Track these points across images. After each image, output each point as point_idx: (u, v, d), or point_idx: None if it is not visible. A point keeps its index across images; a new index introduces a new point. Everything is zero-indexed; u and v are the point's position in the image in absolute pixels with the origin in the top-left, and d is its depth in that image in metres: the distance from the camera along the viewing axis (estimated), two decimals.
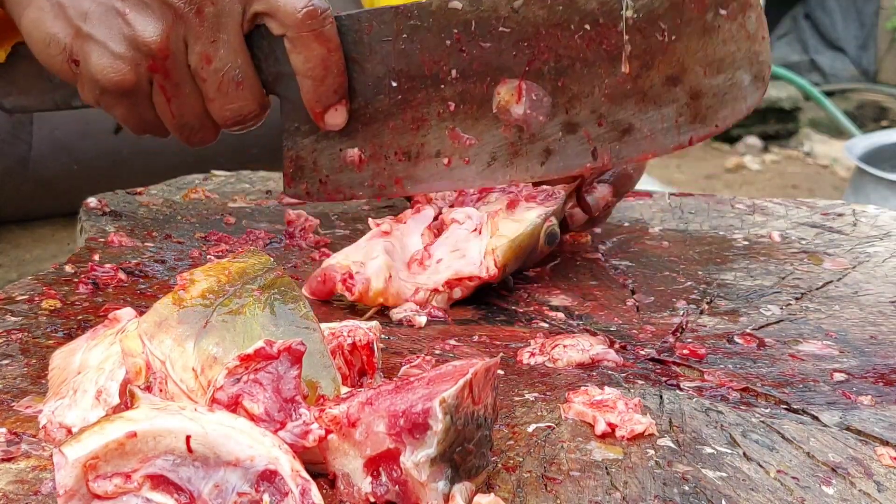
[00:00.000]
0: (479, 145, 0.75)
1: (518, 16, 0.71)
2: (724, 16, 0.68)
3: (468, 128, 0.75)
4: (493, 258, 0.71)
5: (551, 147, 0.74)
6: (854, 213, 0.97)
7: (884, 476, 0.50)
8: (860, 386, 0.61)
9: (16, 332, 0.63)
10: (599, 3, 0.69)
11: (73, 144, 1.22)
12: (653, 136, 0.72)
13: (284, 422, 0.45)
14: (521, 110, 0.73)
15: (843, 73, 4.42)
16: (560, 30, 0.71)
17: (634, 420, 0.54)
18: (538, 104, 0.72)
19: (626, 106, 0.72)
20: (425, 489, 0.44)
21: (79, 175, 1.23)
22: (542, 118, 0.73)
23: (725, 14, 0.68)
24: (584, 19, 0.70)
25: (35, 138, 1.19)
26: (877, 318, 0.72)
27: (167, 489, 0.42)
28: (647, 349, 0.66)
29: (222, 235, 0.85)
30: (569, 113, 0.73)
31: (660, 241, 0.89)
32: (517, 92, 0.73)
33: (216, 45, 0.72)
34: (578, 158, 0.74)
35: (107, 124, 1.23)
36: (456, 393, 0.44)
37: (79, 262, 0.76)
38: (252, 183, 1.03)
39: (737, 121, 0.72)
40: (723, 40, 0.69)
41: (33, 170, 1.21)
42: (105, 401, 0.51)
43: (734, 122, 0.72)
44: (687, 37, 0.69)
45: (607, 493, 0.48)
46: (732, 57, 0.70)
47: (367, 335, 0.55)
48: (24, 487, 0.46)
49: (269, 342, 0.46)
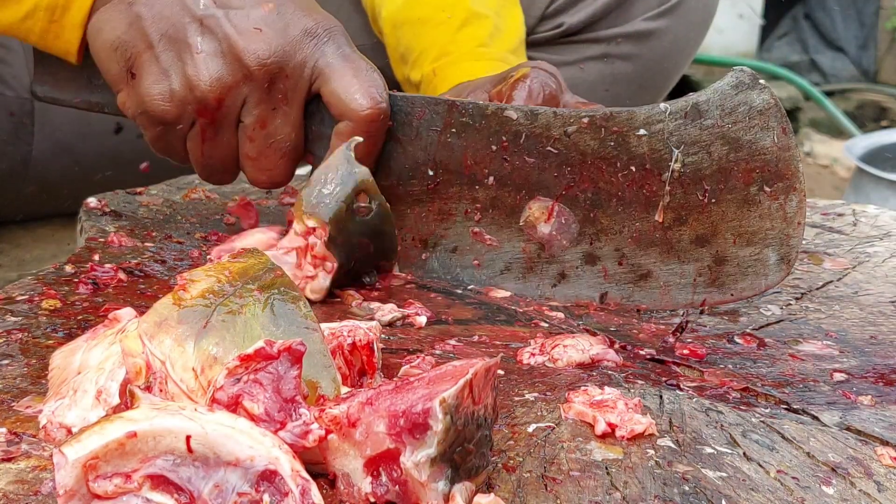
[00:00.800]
0: (497, 251, 0.75)
1: (569, 140, 0.71)
2: (767, 193, 0.68)
3: (492, 232, 0.76)
4: None
5: (567, 273, 0.74)
6: (854, 213, 0.97)
7: (884, 476, 0.50)
8: (860, 386, 0.61)
9: (16, 332, 0.63)
10: (650, 150, 0.69)
11: (74, 145, 1.22)
12: (667, 288, 0.72)
13: (284, 422, 0.45)
14: (547, 230, 0.73)
15: (843, 73, 4.42)
16: (606, 163, 0.71)
17: (634, 420, 0.54)
18: (565, 229, 0.72)
19: (650, 253, 0.72)
20: (425, 489, 0.44)
21: (79, 175, 1.23)
22: (565, 242, 0.73)
23: (769, 192, 0.68)
24: (632, 160, 0.70)
25: (36, 139, 1.19)
26: (877, 318, 0.72)
27: (167, 489, 0.42)
28: (647, 349, 0.66)
29: (222, 235, 0.85)
30: (592, 245, 0.73)
31: None
32: (548, 212, 0.73)
33: (276, 113, 0.73)
34: (589, 291, 0.74)
35: (107, 126, 1.23)
36: (456, 393, 0.44)
37: (79, 262, 0.76)
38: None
39: (752, 296, 0.71)
40: (759, 215, 0.69)
41: (34, 170, 1.21)
42: (105, 401, 0.51)
43: (750, 297, 0.71)
44: (726, 203, 0.69)
45: (607, 493, 0.48)
46: (765, 234, 0.69)
47: (367, 335, 0.55)
48: (24, 487, 0.46)
49: (269, 342, 0.46)
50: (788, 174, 0.67)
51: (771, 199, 0.68)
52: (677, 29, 1.23)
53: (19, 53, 1.17)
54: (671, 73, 1.29)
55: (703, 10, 1.26)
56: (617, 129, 0.70)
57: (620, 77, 1.24)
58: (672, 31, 1.23)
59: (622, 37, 1.21)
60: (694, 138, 0.68)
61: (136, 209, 0.92)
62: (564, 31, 1.22)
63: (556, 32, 1.22)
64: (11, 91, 1.16)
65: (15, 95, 1.17)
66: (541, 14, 1.22)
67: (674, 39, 1.23)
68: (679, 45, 1.25)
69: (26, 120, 1.18)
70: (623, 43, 1.22)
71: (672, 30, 1.23)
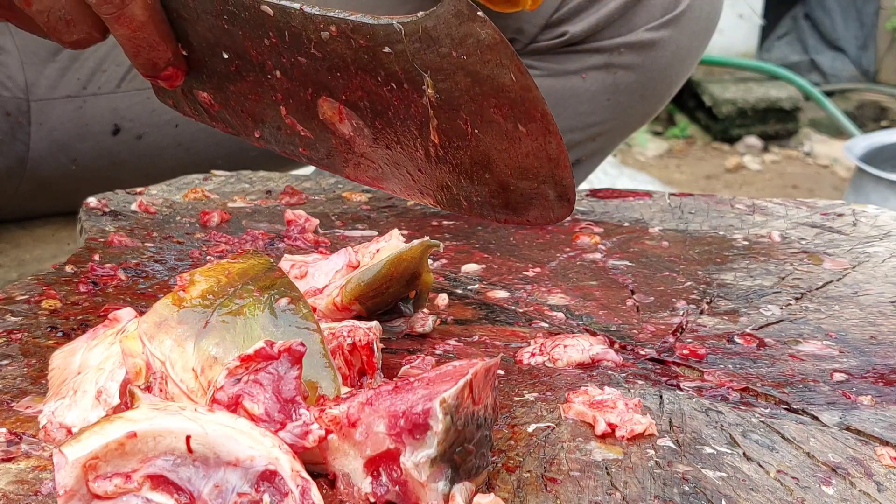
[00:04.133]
0: (314, 141, 0.73)
1: (327, 47, 0.68)
2: (525, 132, 0.66)
3: (302, 121, 0.72)
4: None
5: (381, 171, 0.72)
6: (854, 213, 0.97)
7: (884, 476, 0.50)
8: (860, 386, 0.61)
9: (16, 332, 0.63)
10: (402, 70, 0.66)
11: (72, 145, 1.22)
12: (470, 202, 0.71)
13: (284, 422, 0.45)
14: (346, 130, 0.71)
15: (843, 73, 4.42)
16: (368, 75, 0.68)
17: (634, 420, 0.54)
18: (361, 132, 0.70)
19: (441, 168, 0.70)
20: (425, 489, 0.44)
21: (77, 175, 1.23)
22: (365, 144, 0.71)
23: (525, 132, 0.66)
24: (390, 77, 0.67)
25: (33, 139, 1.19)
26: (877, 318, 0.72)
27: (167, 489, 0.42)
28: (647, 349, 0.66)
29: (223, 235, 0.85)
30: (391, 150, 0.70)
31: (660, 241, 0.89)
32: (338, 113, 0.70)
33: None
34: (407, 192, 0.72)
35: (105, 126, 1.23)
36: (456, 393, 0.44)
37: (79, 262, 0.76)
38: (252, 183, 1.03)
39: (546, 224, 0.69)
40: (525, 154, 0.67)
41: (31, 170, 1.21)
42: (105, 401, 0.51)
43: (544, 225, 0.69)
44: (490, 135, 0.67)
45: (607, 493, 0.48)
46: (536, 171, 0.67)
47: (367, 335, 0.55)
48: (24, 487, 0.46)
49: (269, 343, 0.46)
50: (537, 115, 0.65)
51: (531, 139, 0.66)
52: (680, 39, 1.23)
53: (14, 54, 1.17)
54: (674, 83, 1.29)
55: (706, 20, 1.26)
56: (364, 42, 0.67)
57: (623, 87, 1.23)
58: (675, 41, 1.23)
59: (625, 46, 1.21)
60: (437, 65, 0.66)
61: (137, 209, 0.92)
62: (567, 41, 1.22)
63: (558, 41, 1.22)
64: (7, 91, 1.16)
65: (11, 95, 1.17)
66: (544, 23, 1.22)
67: (676, 49, 1.23)
68: (682, 54, 1.24)
69: (23, 119, 1.18)
70: (626, 53, 1.21)
71: (675, 40, 1.22)
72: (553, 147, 0.66)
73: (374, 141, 0.70)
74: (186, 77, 0.74)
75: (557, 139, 0.66)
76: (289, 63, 0.70)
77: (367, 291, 0.64)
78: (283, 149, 0.75)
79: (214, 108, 0.75)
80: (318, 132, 0.72)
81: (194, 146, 1.27)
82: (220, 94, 0.74)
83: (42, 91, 1.18)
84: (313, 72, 0.69)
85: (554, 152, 0.66)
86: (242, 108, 0.74)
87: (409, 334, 0.68)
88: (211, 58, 0.73)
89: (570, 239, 0.88)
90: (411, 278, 0.67)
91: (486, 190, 0.69)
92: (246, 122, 0.75)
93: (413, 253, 0.65)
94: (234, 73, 0.72)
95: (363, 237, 0.88)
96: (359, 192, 1.01)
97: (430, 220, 0.93)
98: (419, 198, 0.73)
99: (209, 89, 0.74)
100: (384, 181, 0.73)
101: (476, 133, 0.67)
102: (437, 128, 0.67)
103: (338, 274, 0.68)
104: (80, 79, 1.19)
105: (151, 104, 1.22)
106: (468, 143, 0.68)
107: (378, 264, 0.65)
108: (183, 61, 0.73)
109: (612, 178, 3.06)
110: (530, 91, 0.64)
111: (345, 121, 0.70)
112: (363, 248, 0.69)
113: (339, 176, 0.76)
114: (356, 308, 0.65)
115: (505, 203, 0.69)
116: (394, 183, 0.73)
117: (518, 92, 0.64)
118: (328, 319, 0.64)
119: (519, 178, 0.68)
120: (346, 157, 0.73)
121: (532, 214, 0.69)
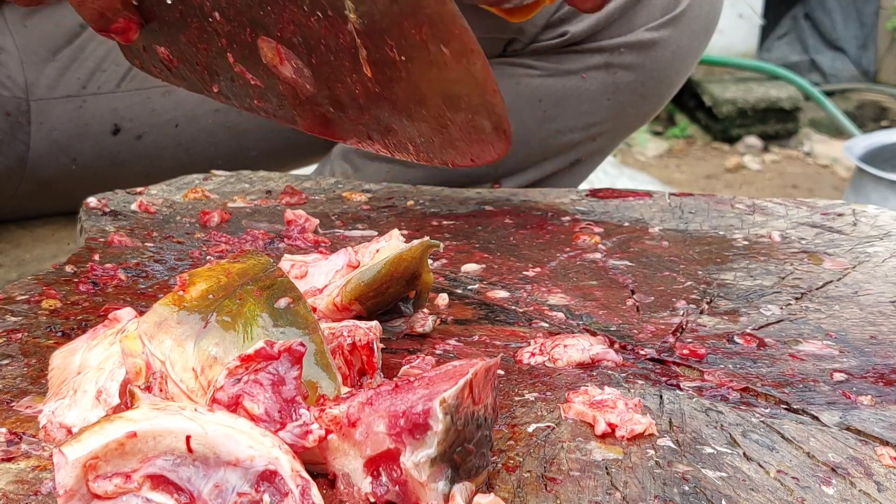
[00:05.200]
0: (265, 90, 0.72)
1: None
2: (448, 54, 0.64)
3: (249, 68, 0.72)
4: None
5: (330, 116, 0.71)
6: (854, 213, 0.97)
7: (884, 476, 0.50)
8: (860, 386, 0.61)
9: (16, 332, 0.63)
10: None
11: (71, 145, 1.22)
12: (415, 145, 0.70)
13: (284, 422, 0.45)
14: (287, 73, 0.70)
15: (843, 73, 4.42)
16: (293, 5, 0.66)
17: (634, 420, 0.54)
18: (301, 73, 0.69)
19: (382, 107, 0.69)
20: (425, 489, 0.44)
21: (77, 175, 1.23)
22: (308, 87, 0.70)
23: (449, 53, 0.64)
24: (315, 4, 0.65)
25: (33, 138, 1.19)
26: (877, 318, 0.72)
27: (167, 489, 0.42)
28: (647, 349, 0.66)
29: (222, 235, 0.85)
30: (332, 91, 0.69)
31: (660, 241, 0.89)
32: (277, 54, 0.69)
33: None
34: (356, 136, 0.71)
35: (105, 126, 1.23)
36: (456, 393, 0.44)
37: (79, 262, 0.76)
38: (252, 183, 1.03)
39: (490, 161, 0.69)
40: (453, 80, 0.66)
41: (31, 170, 1.21)
42: (105, 401, 0.51)
43: (488, 162, 0.68)
44: (418, 62, 0.65)
45: (607, 493, 0.48)
46: (468, 99, 0.66)
47: (367, 335, 0.55)
48: (24, 487, 0.46)
49: (269, 343, 0.46)
50: (457, 32, 0.64)
51: (456, 61, 0.65)
52: (680, 38, 1.23)
53: (14, 54, 1.17)
54: (674, 82, 1.29)
55: (706, 20, 1.26)
56: None
57: (623, 86, 1.23)
58: (675, 41, 1.23)
59: (625, 46, 1.21)
60: None
61: (137, 209, 0.92)
62: (568, 41, 1.22)
63: (559, 41, 1.22)
64: (7, 91, 1.16)
65: (11, 95, 1.17)
66: (545, 23, 1.22)
67: (676, 49, 1.23)
68: (682, 54, 1.25)
69: (22, 119, 1.18)
70: (626, 52, 1.21)
71: (675, 39, 1.22)
72: (478, 68, 0.65)
73: (316, 81, 0.69)
74: (143, 31, 0.73)
75: (482, 59, 0.65)
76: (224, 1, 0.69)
77: (367, 291, 0.64)
78: (241, 103, 0.75)
79: (174, 63, 0.75)
80: (265, 79, 0.72)
81: (194, 146, 1.27)
82: (175, 47, 0.73)
83: (42, 91, 1.18)
84: (247, 8, 0.68)
85: (480, 73, 0.65)
86: (196, 60, 0.74)
87: (409, 334, 0.68)
88: (158, 5, 0.72)
89: (570, 239, 0.88)
90: (411, 278, 0.67)
91: (426, 128, 0.69)
92: (203, 76, 0.75)
93: (413, 253, 0.65)
94: (179, 20, 0.71)
95: (363, 237, 0.88)
96: (359, 192, 1.01)
97: (430, 220, 0.93)
98: (369, 144, 0.72)
99: (164, 43, 0.74)
100: (335, 127, 0.72)
101: (404, 61, 0.66)
102: (368, 59, 0.66)
103: (338, 274, 0.68)
104: (79, 78, 1.20)
105: (151, 104, 1.22)
106: (399, 75, 0.66)
107: (378, 264, 0.65)
108: (134, 11, 0.72)
109: (612, 178, 3.06)
110: (445, 5, 0.63)
111: (285, 62, 0.69)
112: (363, 248, 0.69)
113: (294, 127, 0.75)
114: (356, 308, 0.65)
115: (446, 141, 0.69)
116: (343, 129, 0.72)
117: (434, 7, 0.63)
118: (328, 319, 0.64)
119: (453, 111, 0.67)
120: (294, 105, 0.72)
121: (473, 151, 0.69)
